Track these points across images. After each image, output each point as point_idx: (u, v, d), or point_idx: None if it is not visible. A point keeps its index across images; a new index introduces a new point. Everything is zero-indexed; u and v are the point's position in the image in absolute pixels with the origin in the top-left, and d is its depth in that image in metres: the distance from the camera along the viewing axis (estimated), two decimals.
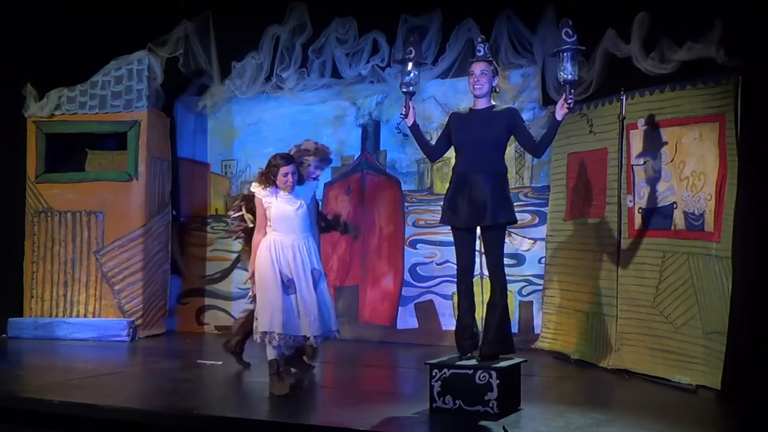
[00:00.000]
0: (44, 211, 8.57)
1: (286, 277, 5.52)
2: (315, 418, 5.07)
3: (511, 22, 7.40)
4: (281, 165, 5.57)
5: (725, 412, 5.19)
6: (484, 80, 5.17)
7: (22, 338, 8.17)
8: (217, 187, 9.11)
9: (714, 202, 5.75)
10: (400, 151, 8.31)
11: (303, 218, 5.67)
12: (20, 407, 5.14)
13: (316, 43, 8.16)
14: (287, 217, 5.61)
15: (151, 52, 8.46)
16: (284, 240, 5.58)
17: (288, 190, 5.60)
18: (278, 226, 5.62)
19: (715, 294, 5.63)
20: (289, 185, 5.58)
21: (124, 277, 8.37)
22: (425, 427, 4.73)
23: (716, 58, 5.67)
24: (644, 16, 6.19)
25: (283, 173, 5.56)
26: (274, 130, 8.85)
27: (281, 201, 5.61)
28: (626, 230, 6.45)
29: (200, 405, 5.20)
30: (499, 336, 5.09)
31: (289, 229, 5.61)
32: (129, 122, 8.45)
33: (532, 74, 7.62)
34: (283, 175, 5.56)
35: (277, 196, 5.61)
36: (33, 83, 8.60)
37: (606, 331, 6.54)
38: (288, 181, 5.56)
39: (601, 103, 6.77)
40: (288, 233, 5.60)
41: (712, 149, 5.82)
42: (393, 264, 8.28)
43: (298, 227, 5.64)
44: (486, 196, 5.03)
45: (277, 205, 5.61)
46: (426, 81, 7.62)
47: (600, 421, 4.68)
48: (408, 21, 7.73)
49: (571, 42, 4.94)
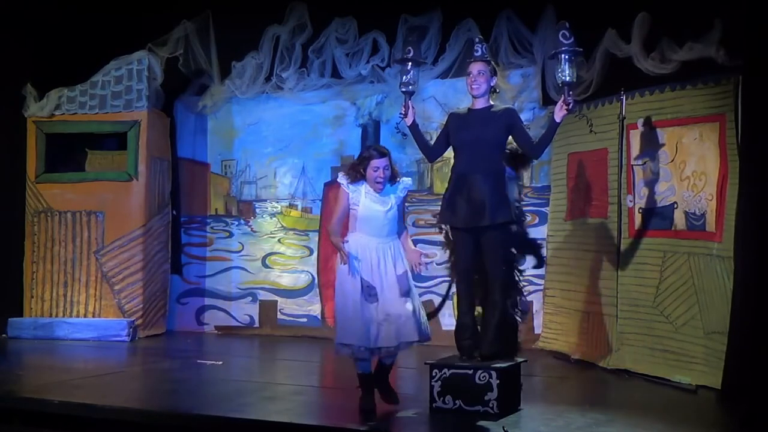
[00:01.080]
0: (44, 211, 8.57)
1: (366, 284, 4.93)
2: (315, 418, 5.07)
3: (511, 22, 7.40)
4: (373, 157, 4.97)
5: (725, 412, 5.19)
6: (481, 80, 5.16)
7: (22, 338, 8.16)
8: (217, 187, 9.11)
9: (715, 202, 5.75)
10: (400, 151, 8.29)
11: (392, 221, 5.03)
12: (20, 407, 5.14)
13: (316, 43, 8.16)
14: (375, 219, 4.99)
15: (151, 52, 8.46)
16: (368, 243, 4.99)
17: (376, 187, 4.97)
18: (363, 228, 5.04)
19: (716, 294, 5.63)
20: (380, 181, 4.95)
21: (124, 277, 8.37)
22: (425, 427, 4.74)
23: (716, 58, 5.67)
24: (644, 16, 6.19)
25: (373, 167, 4.95)
26: (274, 130, 8.87)
27: (370, 200, 4.99)
28: (626, 230, 6.44)
29: (200, 405, 5.20)
30: (498, 336, 5.09)
31: (374, 232, 5.01)
32: (129, 122, 8.44)
33: (532, 74, 7.63)
34: (374, 169, 4.95)
35: (366, 194, 5.00)
36: (33, 83, 8.60)
37: (606, 331, 6.53)
38: (378, 176, 4.94)
39: (601, 103, 6.77)
40: (373, 236, 5.00)
41: (713, 149, 5.82)
42: None
43: (386, 230, 5.02)
44: (485, 196, 5.02)
45: (365, 204, 4.99)
46: (426, 81, 7.63)
47: (600, 421, 4.68)
48: (408, 21, 7.73)
49: (569, 44, 4.94)
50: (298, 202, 8.81)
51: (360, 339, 4.84)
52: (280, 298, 8.72)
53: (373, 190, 4.99)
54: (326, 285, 8.57)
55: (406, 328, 4.88)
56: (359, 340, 4.84)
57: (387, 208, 4.99)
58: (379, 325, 4.86)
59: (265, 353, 7.94)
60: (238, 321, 8.86)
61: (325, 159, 8.68)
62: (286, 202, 8.84)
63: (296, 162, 8.79)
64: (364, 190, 4.99)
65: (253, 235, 8.92)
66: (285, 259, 8.78)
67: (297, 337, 8.51)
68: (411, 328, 4.90)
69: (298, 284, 8.70)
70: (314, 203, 8.74)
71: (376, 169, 4.94)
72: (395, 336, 4.86)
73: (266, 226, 8.89)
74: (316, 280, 8.64)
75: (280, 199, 8.87)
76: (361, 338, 4.84)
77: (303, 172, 8.76)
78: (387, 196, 5.01)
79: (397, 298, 4.92)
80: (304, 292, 8.67)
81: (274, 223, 8.87)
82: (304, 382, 6.16)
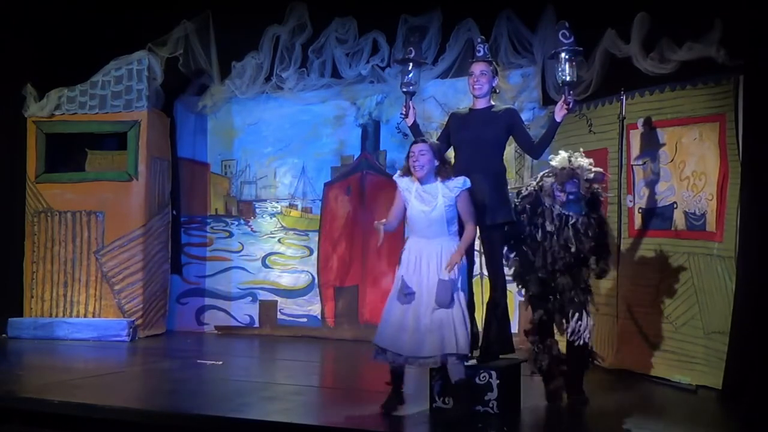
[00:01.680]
0: (44, 211, 8.57)
1: (407, 288, 4.75)
2: (315, 418, 5.07)
3: (511, 22, 7.40)
4: (412, 144, 4.86)
5: (725, 412, 5.19)
6: (483, 80, 5.17)
7: (22, 338, 8.16)
8: (217, 187, 9.11)
9: (715, 202, 5.75)
10: (400, 151, 8.29)
11: (437, 222, 4.77)
12: (20, 407, 5.14)
13: (316, 43, 8.16)
14: (418, 219, 4.81)
15: (151, 52, 8.46)
16: (414, 246, 4.84)
17: (416, 173, 4.77)
18: (411, 228, 4.92)
19: (717, 294, 5.63)
20: (416, 166, 4.75)
21: (124, 277, 8.37)
22: (425, 427, 4.73)
23: (716, 58, 5.67)
24: (644, 16, 6.18)
25: (410, 152, 4.81)
26: (274, 130, 8.88)
27: (417, 199, 4.82)
28: (626, 230, 6.44)
29: (200, 405, 5.20)
30: (499, 336, 5.09)
31: (419, 232, 4.84)
32: (129, 122, 8.44)
33: (532, 74, 7.63)
34: (411, 155, 4.80)
35: (415, 193, 4.84)
36: (33, 83, 8.59)
37: (606, 331, 6.53)
38: (413, 161, 4.76)
39: (601, 103, 6.76)
40: (420, 238, 4.83)
41: (713, 149, 5.82)
42: (393, 264, 8.23)
43: (431, 231, 4.78)
44: (484, 196, 5.02)
45: (412, 203, 4.83)
46: (426, 81, 7.62)
47: (600, 421, 4.68)
48: (408, 21, 7.73)
49: (569, 43, 4.95)
50: (298, 202, 8.81)
51: (392, 344, 4.71)
52: (280, 298, 8.72)
53: (417, 178, 4.81)
54: (326, 285, 8.58)
55: (437, 339, 4.61)
56: (391, 345, 4.71)
57: (431, 209, 4.75)
58: (411, 333, 4.67)
59: (265, 353, 7.94)
60: (238, 321, 8.86)
61: (325, 159, 8.68)
62: (286, 202, 8.84)
63: (296, 162, 8.80)
64: (414, 188, 4.84)
65: (253, 235, 8.93)
66: (285, 259, 8.78)
67: (297, 337, 8.51)
68: (444, 340, 4.60)
69: (298, 284, 8.70)
70: (314, 203, 8.74)
71: (412, 154, 4.80)
72: (427, 347, 4.63)
73: (266, 226, 8.89)
74: (316, 280, 8.64)
75: (280, 199, 8.87)
76: (393, 343, 4.71)
77: (303, 172, 8.77)
78: (434, 196, 4.77)
79: (432, 304, 4.66)
80: (304, 292, 8.67)
81: (274, 223, 8.87)
82: (304, 382, 6.16)
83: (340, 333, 8.44)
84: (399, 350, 4.70)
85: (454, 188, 4.78)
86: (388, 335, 4.74)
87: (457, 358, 4.64)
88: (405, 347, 4.69)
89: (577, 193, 4.91)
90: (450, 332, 4.61)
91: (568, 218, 4.92)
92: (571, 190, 4.91)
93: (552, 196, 4.96)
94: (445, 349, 4.61)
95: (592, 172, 4.97)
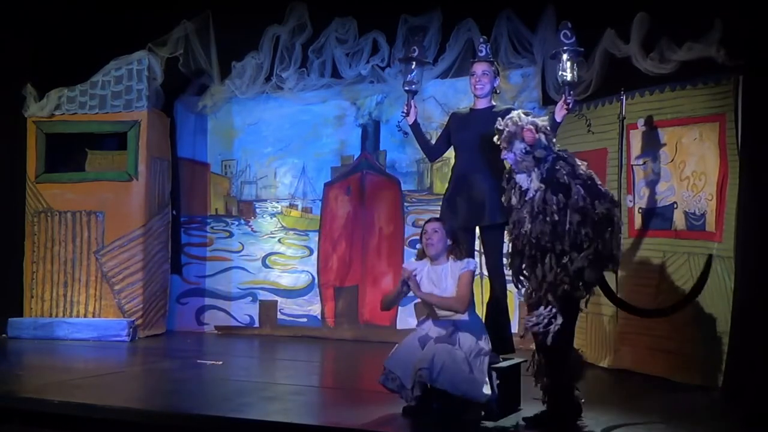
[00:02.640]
0: (44, 211, 8.57)
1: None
2: (315, 418, 5.07)
3: (511, 22, 7.40)
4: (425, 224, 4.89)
5: (726, 412, 5.19)
6: (485, 81, 5.18)
7: (22, 338, 8.16)
8: (217, 187, 9.11)
9: (715, 202, 5.76)
10: (400, 151, 8.31)
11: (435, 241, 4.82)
12: (20, 407, 5.13)
13: (316, 43, 8.16)
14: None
15: (151, 52, 8.46)
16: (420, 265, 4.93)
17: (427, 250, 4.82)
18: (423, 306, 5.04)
19: (717, 294, 5.63)
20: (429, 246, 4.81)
21: (124, 277, 8.37)
22: (425, 427, 4.73)
23: (716, 58, 5.67)
24: (644, 16, 6.19)
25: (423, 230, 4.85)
26: (274, 130, 8.88)
27: (427, 280, 4.85)
28: (626, 230, 6.44)
29: (200, 405, 5.20)
30: (498, 336, 5.09)
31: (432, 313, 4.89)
32: (129, 122, 8.44)
33: (532, 74, 7.63)
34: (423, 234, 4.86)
35: (426, 272, 4.87)
36: (33, 83, 8.59)
37: (606, 331, 6.53)
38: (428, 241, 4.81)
39: (601, 103, 6.76)
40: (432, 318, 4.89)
41: (713, 149, 5.82)
42: (393, 264, 8.27)
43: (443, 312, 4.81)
44: (485, 196, 5.02)
45: (423, 285, 4.86)
46: (426, 81, 7.61)
47: (600, 422, 4.68)
48: (408, 21, 7.73)
49: (570, 43, 4.94)
50: (298, 202, 8.81)
51: (391, 363, 4.71)
52: (280, 298, 8.73)
53: (429, 257, 4.83)
54: (326, 285, 8.58)
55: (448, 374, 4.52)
56: (401, 369, 4.66)
57: (440, 291, 4.77)
58: (415, 353, 4.68)
59: (265, 353, 7.94)
60: (238, 321, 8.86)
61: (325, 159, 8.69)
62: (286, 202, 8.84)
63: (296, 162, 8.80)
64: (426, 270, 4.84)
65: (253, 235, 8.93)
66: (285, 259, 8.78)
67: (297, 337, 8.52)
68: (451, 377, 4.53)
69: (298, 284, 8.70)
70: (314, 203, 8.74)
71: (425, 232, 4.82)
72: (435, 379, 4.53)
73: (266, 226, 8.89)
74: (316, 281, 8.64)
75: (280, 199, 8.87)
76: (393, 363, 4.71)
77: (303, 172, 8.77)
78: (444, 277, 4.78)
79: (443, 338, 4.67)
80: (304, 292, 8.67)
81: (274, 223, 8.87)
82: (304, 382, 6.15)
83: (340, 333, 8.44)
84: (397, 370, 4.70)
85: (464, 268, 4.77)
86: (392, 354, 4.78)
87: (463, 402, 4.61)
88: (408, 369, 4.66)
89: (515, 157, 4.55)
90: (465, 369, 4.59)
91: (526, 192, 4.53)
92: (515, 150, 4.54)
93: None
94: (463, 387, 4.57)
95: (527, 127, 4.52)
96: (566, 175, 4.45)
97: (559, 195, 4.42)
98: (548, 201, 4.41)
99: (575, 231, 4.37)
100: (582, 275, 4.41)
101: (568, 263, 4.40)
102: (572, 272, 4.40)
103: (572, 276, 4.40)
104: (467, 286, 4.74)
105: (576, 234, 4.38)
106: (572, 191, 4.41)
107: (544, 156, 4.49)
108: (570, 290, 4.41)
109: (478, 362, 4.63)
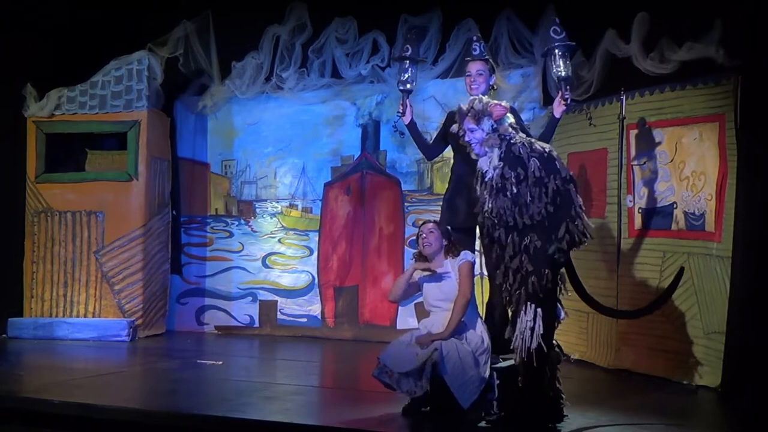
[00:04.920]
0: (44, 211, 8.57)
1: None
2: (315, 418, 5.07)
3: (511, 22, 7.41)
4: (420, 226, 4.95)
5: (725, 412, 5.19)
6: (480, 80, 5.19)
7: (22, 338, 8.16)
8: (217, 187, 9.11)
9: (715, 202, 5.76)
10: (400, 151, 8.31)
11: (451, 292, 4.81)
12: (20, 407, 5.14)
13: (316, 43, 8.16)
14: (431, 293, 4.93)
15: (151, 52, 8.46)
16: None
17: (425, 251, 4.88)
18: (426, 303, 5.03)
19: (716, 294, 5.64)
20: (425, 246, 4.87)
21: (124, 277, 8.37)
22: (426, 427, 4.73)
23: (716, 58, 5.68)
24: (644, 16, 6.19)
25: (419, 233, 4.91)
26: (274, 130, 8.88)
27: (428, 280, 4.93)
28: (626, 230, 6.45)
29: (200, 405, 5.20)
30: (499, 336, 5.08)
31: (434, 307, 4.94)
32: (129, 122, 8.44)
33: (532, 74, 7.63)
34: (419, 236, 4.92)
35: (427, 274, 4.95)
36: (33, 83, 8.59)
37: (606, 331, 6.53)
38: (424, 241, 4.87)
39: (601, 103, 6.76)
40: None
41: (712, 149, 5.82)
42: (393, 264, 8.28)
43: (445, 304, 4.84)
44: None
45: (425, 285, 4.96)
46: (426, 81, 7.64)
47: (600, 421, 4.68)
48: (408, 21, 7.73)
49: (560, 39, 4.96)
50: (298, 202, 8.81)
51: (385, 357, 4.72)
52: (280, 298, 8.72)
53: (425, 255, 4.87)
54: (326, 285, 8.58)
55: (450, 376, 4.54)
56: (394, 363, 4.68)
57: (446, 294, 4.79)
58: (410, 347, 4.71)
59: (265, 353, 7.94)
60: (238, 321, 8.86)
61: (325, 159, 8.68)
62: (286, 202, 8.84)
63: (296, 162, 8.80)
64: (430, 282, 4.87)
65: (253, 235, 8.93)
66: (285, 259, 8.78)
67: (297, 337, 8.52)
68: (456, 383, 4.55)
69: (298, 284, 8.70)
70: (314, 203, 8.74)
71: (421, 233, 4.86)
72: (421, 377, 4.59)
73: (266, 226, 8.89)
74: (316, 280, 8.64)
75: (280, 199, 8.87)
76: (387, 356, 4.72)
77: (303, 172, 8.77)
78: (447, 279, 4.81)
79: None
80: (304, 292, 8.67)
81: (275, 223, 8.87)
82: (304, 382, 6.15)
83: (340, 333, 8.44)
84: (393, 366, 4.72)
85: (459, 262, 4.80)
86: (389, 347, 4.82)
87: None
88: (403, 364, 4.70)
89: (483, 135, 4.52)
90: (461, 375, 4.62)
91: (486, 174, 4.51)
92: (484, 127, 4.53)
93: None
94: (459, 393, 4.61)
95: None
96: (521, 148, 4.46)
97: (517, 169, 4.42)
98: (506, 175, 4.42)
99: (536, 205, 4.38)
100: (544, 258, 4.38)
101: (530, 245, 4.39)
102: (532, 252, 4.38)
103: (532, 256, 4.39)
104: (468, 277, 4.77)
105: (537, 208, 4.38)
106: (529, 164, 4.42)
107: (508, 134, 4.51)
108: (537, 280, 4.38)
109: (483, 359, 4.68)
